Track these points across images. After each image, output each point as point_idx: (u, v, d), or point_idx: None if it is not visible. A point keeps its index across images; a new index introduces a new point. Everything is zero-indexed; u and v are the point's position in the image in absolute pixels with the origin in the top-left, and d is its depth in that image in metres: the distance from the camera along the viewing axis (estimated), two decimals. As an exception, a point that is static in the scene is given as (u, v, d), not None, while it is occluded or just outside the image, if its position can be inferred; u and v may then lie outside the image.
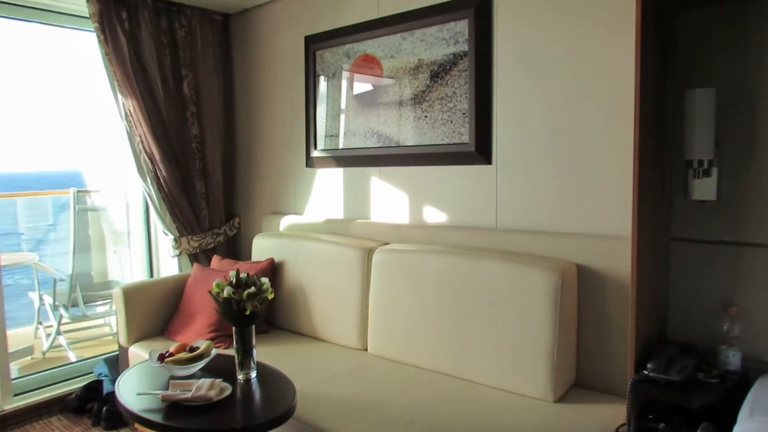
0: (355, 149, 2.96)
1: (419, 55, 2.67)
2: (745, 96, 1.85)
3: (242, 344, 1.93)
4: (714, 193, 1.88)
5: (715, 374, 1.80)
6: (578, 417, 1.91)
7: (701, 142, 1.81)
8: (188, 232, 3.37)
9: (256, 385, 1.93)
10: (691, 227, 1.99)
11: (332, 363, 2.46)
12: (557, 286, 2.00)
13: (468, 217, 2.54)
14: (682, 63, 1.97)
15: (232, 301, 1.87)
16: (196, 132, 3.44)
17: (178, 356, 1.97)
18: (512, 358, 2.10)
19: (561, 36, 2.20)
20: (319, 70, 3.13)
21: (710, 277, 1.96)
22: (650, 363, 1.76)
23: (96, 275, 4.43)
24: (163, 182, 3.25)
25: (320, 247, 2.79)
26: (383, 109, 2.83)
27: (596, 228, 2.16)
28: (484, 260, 2.21)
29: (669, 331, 2.07)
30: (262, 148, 3.52)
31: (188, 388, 1.77)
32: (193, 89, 3.41)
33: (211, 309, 2.72)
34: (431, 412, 1.96)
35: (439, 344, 2.30)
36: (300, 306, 2.80)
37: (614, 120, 2.09)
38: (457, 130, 2.55)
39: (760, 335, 1.87)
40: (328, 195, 3.14)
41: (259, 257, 3.08)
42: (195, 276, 2.98)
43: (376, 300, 2.52)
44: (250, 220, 3.64)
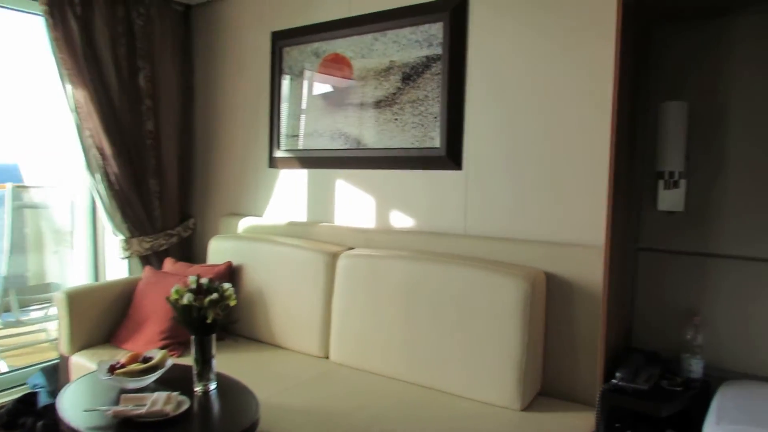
0: (321, 150, 2.88)
1: (391, 57, 2.62)
2: (715, 110, 1.89)
3: (202, 354, 1.82)
4: (682, 205, 1.91)
5: (679, 382, 1.83)
6: (546, 426, 1.90)
7: (673, 155, 1.84)
8: (139, 232, 3.20)
9: (215, 397, 1.82)
10: (658, 238, 2.02)
11: (293, 371, 2.37)
12: (527, 293, 1.98)
13: (436, 222, 2.51)
14: (655, 76, 1.99)
15: (193, 309, 1.76)
16: (151, 127, 3.27)
17: (130, 368, 1.84)
18: (480, 366, 2.07)
19: (536, 43, 2.20)
20: (285, 68, 3.03)
21: (675, 286, 1.99)
22: (619, 372, 1.77)
23: (32, 277, 4.15)
24: (114, 179, 3.07)
25: (282, 251, 2.70)
26: (352, 111, 2.76)
27: (565, 236, 2.16)
28: (454, 267, 2.18)
29: (633, 340, 2.09)
30: (221, 147, 3.39)
31: (142, 403, 1.65)
32: (149, 82, 3.25)
33: (164, 315, 2.59)
34: (398, 422, 1.90)
35: (405, 352, 2.25)
36: (259, 312, 2.69)
37: (586, 129, 2.10)
38: (428, 134, 2.51)
39: (721, 344, 1.91)
40: (291, 197, 3.05)
41: (215, 260, 2.95)
42: (146, 279, 2.83)
43: (340, 306, 2.45)
44: (206, 222, 3.50)
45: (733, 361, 1.89)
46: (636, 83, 1.92)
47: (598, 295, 1.99)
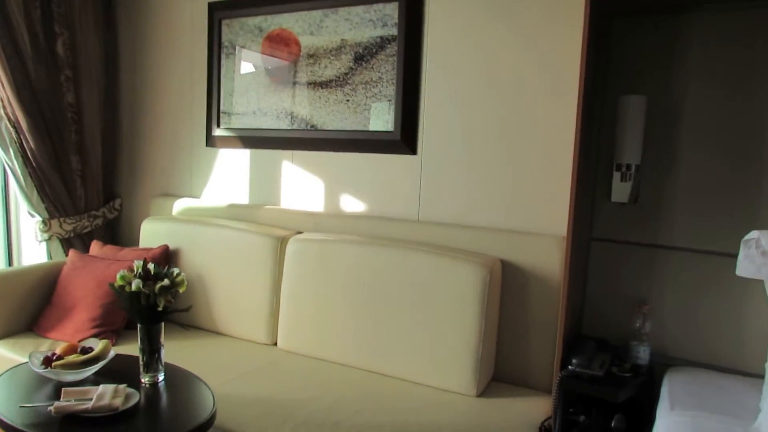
0: (266, 130, 2.75)
1: (343, 35, 2.53)
2: (669, 105, 1.96)
3: (149, 343, 1.68)
4: (636, 197, 1.97)
5: (627, 368, 1.90)
6: (502, 411, 1.92)
7: (631, 147, 1.89)
8: (60, 213, 2.93)
9: (165, 389, 1.70)
10: (610, 228, 2.08)
11: (240, 360, 2.26)
12: (485, 280, 1.99)
13: (389, 207, 2.46)
14: (614, 70, 2.04)
15: (141, 296, 1.62)
16: (71, 100, 3.00)
17: (68, 359, 1.67)
18: (436, 352, 2.06)
19: (497, 29, 2.19)
20: (225, 41, 2.86)
21: (624, 276, 2.07)
22: (575, 359, 1.81)
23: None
24: (30, 155, 2.79)
25: (224, 234, 2.56)
26: (300, 89, 2.65)
27: (521, 224, 2.19)
28: (410, 252, 2.15)
29: (583, 327, 2.15)
30: (151, 123, 3.16)
31: (87, 397, 1.50)
32: (69, 50, 2.96)
33: (94, 301, 2.40)
34: (356, 411, 1.86)
35: (359, 339, 2.20)
36: (199, 298, 2.54)
37: (545, 118, 2.12)
38: (382, 117, 2.45)
39: (666, 332, 2.01)
40: (232, 178, 2.90)
41: (149, 243, 2.76)
42: (72, 264, 2.60)
43: (289, 292, 2.36)
44: (134, 202, 3.27)
45: (678, 349, 1.99)
46: (594, 76, 1.95)
47: (552, 283, 2.03)
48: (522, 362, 2.12)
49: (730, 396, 1.65)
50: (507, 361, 2.14)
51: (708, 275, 1.93)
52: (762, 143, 1.85)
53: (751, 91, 1.85)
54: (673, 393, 1.69)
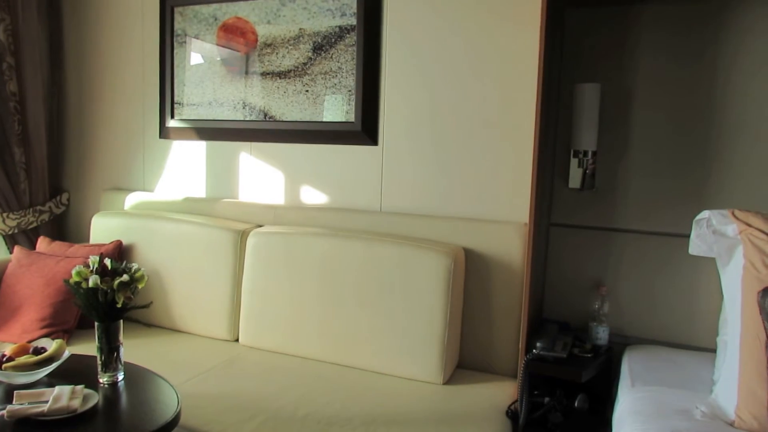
0: (222, 121, 2.69)
1: (300, 24, 2.49)
2: (622, 92, 2.02)
3: (107, 342, 1.62)
4: (593, 183, 2.02)
5: (588, 349, 1.96)
6: (469, 397, 1.94)
7: (587, 134, 1.94)
8: (3, 208, 2.79)
9: (125, 389, 1.64)
10: (567, 213, 2.13)
11: (201, 357, 2.20)
12: (450, 269, 2.00)
13: (351, 199, 2.45)
14: (568, 58, 2.08)
15: (99, 292, 1.55)
16: (14, 89, 2.85)
17: (20, 360, 1.59)
18: (402, 342, 2.06)
19: (454, 18, 2.20)
20: (178, 30, 2.77)
21: (583, 259, 2.13)
22: (539, 342, 1.85)
23: None
24: (-31, 146, 2.64)
25: (181, 229, 2.49)
26: (257, 80, 2.60)
27: (482, 213, 2.21)
28: (373, 243, 2.14)
29: (544, 311, 2.20)
30: (101, 114, 3.04)
31: (42, 399, 1.43)
32: (10, 36, 2.81)
33: (43, 300, 2.30)
34: (324, 404, 1.84)
35: (323, 332, 2.18)
36: (156, 295, 2.46)
37: (504, 107, 2.14)
38: (342, 107, 2.43)
39: (623, 312, 2.07)
40: (187, 170, 2.82)
41: (100, 239, 2.65)
42: (18, 261, 2.47)
43: (250, 287, 2.32)
44: (83, 197, 3.14)
45: (635, 328, 2.07)
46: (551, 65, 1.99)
47: (514, 269, 2.06)
48: (486, 348, 2.15)
49: (686, 370, 1.73)
50: (472, 348, 2.17)
51: (661, 256, 2.01)
52: (709, 126, 1.93)
53: (698, 77, 1.93)
54: (633, 370, 1.75)
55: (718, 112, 1.91)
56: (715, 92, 1.91)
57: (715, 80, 1.91)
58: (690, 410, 1.45)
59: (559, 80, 2.08)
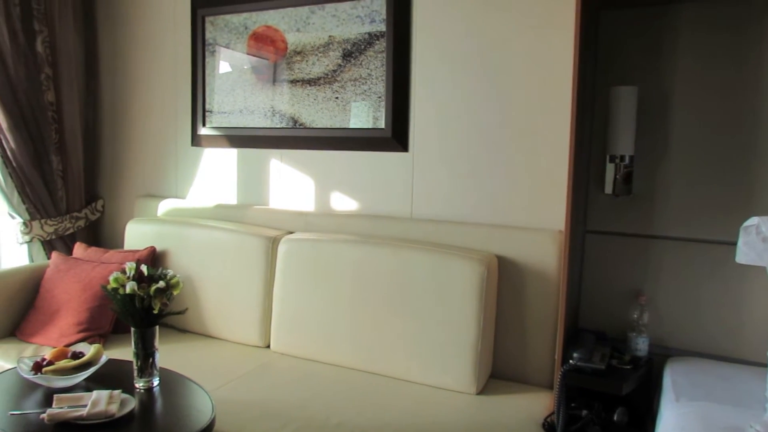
0: (254, 129, 2.70)
1: (330, 32, 2.49)
2: (660, 95, 1.97)
3: (143, 347, 1.63)
4: (630, 188, 1.97)
5: (627, 360, 1.90)
6: (503, 408, 1.90)
7: (624, 139, 1.90)
8: (41, 215, 2.85)
9: (160, 394, 1.65)
10: (604, 220, 2.09)
11: (233, 363, 2.21)
12: (483, 277, 1.97)
13: (381, 205, 2.44)
14: (603, 61, 2.04)
15: (136, 298, 1.57)
16: (51, 98, 2.92)
17: (59, 364, 1.61)
18: (434, 351, 2.03)
19: (485, 24, 2.18)
20: (209, 39, 2.80)
21: (620, 267, 2.07)
22: (576, 352, 1.81)
23: None
24: (10, 155, 2.70)
25: (213, 235, 2.51)
26: (288, 87, 2.61)
27: (515, 219, 2.18)
28: (404, 250, 2.12)
29: (580, 320, 2.15)
30: (134, 123, 3.09)
31: (80, 404, 1.45)
32: (48, 48, 2.88)
33: (80, 305, 2.34)
34: (356, 413, 1.83)
35: (354, 340, 2.17)
36: (188, 301, 2.48)
37: (538, 112, 2.11)
38: (372, 114, 2.42)
39: (664, 322, 2.01)
40: (219, 178, 2.84)
41: (134, 245, 2.69)
42: (56, 267, 2.52)
43: (281, 293, 2.32)
44: (117, 204, 3.19)
45: (676, 339, 2.00)
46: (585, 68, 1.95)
47: (548, 277, 2.02)
48: (520, 358, 2.11)
49: (734, 385, 1.65)
50: (505, 358, 2.13)
51: (705, 264, 1.95)
52: (755, 129, 1.87)
53: (741, 78, 1.87)
54: (677, 384, 1.69)
55: (764, 114, 1.85)
56: (761, 94, 1.85)
57: (761, 82, 1.85)
58: (743, 429, 1.38)
59: (593, 83, 2.04)
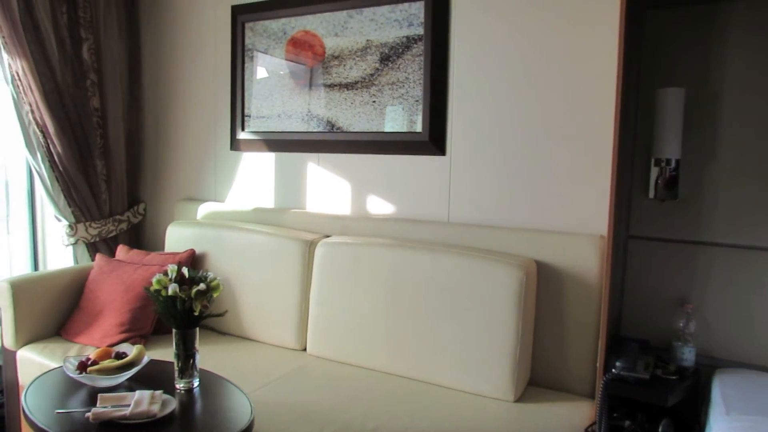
0: (291, 133, 2.73)
1: (368, 36, 2.50)
2: (708, 97, 1.90)
3: (184, 349, 1.66)
4: (675, 193, 1.92)
5: (672, 370, 1.84)
6: (542, 417, 1.87)
7: (670, 141, 1.84)
8: (86, 217, 2.93)
9: (200, 395, 1.67)
10: (648, 225, 2.03)
11: (270, 365, 2.23)
12: (522, 282, 1.94)
13: (418, 209, 2.42)
14: (648, 62, 1.99)
15: (177, 300, 1.59)
16: (96, 104, 3.00)
17: (103, 364, 1.65)
18: (471, 357, 2.01)
19: (524, 26, 2.15)
20: (248, 44, 2.84)
21: (665, 274, 2.01)
22: (619, 361, 1.76)
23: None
24: (57, 159, 2.80)
25: (251, 238, 2.54)
26: (325, 92, 2.63)
27: (554, 224, 2.14)
28: (442, 255, 2.10)
29: (622, 328, 2.10)
30: (174, 127, 3.15)
31: (123, 403, 1.48)
32: (94, 55, 2.97)
33: (122, 306, 2.39)
34: (392, 417, 1.82)
35: (390, 343, 2.16)
36: (226, 303, 2.51)
37: (578, 115, 2.07)
38: (410, 118, 2.42)
39: (712, 332, 1.94)
40: (257, 181, 2.88)
41: (174, 248, 2.74)
42: (99, 268, 2.59)
43: (318, 297, 2.33)
44: (158, 207, 3.26)
45: (725, 350, 1.92)
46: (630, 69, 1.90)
47: (590, 283, 1.98)
48: (559, 366, 2.06)
49: (791, 399, 1.58)
50: (544, 365, 2.09)
51: (757, 271, 1.86)
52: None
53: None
54: (727, 396, 1.62)
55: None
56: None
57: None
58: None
59: (638, 85, 1.99)
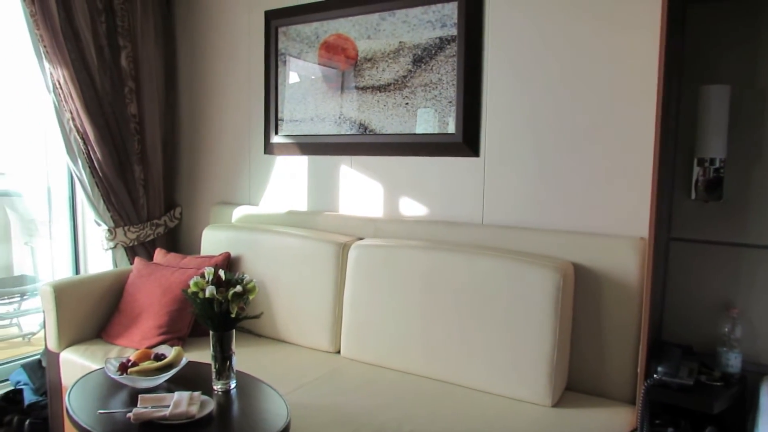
0: (324, 136, 2.74)
1: (401, 38, 2.49)
2: (755, 94, 1.84)
3: (221, 350, 1.67)
4: (719, 193, 1.85)
5: (717, 377, 1.78)
6: (581, 422, 1.83)
7: (715, 140, 1.78)
8: (125, 222, 3.00)
9: (236, 397, 1.68)
10: (691, 227, 1.97)
11: (304, 368, 2.24)
12: (559, 285, 1.90)
13: (451, 211, 2.41)
14: (690, 59, 1.93)
15: (215, 302, 1.61)
16: (134, 110, 3.07)
17: (143, 366, 1.68)
18: (508, 361, 1.98)
19: (560, 24, 2.11)
20: (282, 49, 2.87)
21: (708, 278, 1.95)
22: (661, 366, 1.71)
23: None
24: (97, 165, 2.87)
25: (285, 241, 2.55)
26: (358, 94, 2.63)
27: (591, 226, 2.09)
28: (476, 257, 2.08)
29: (663, 333, 2.04)
30: (209, 132, 3.20)
31: (163, 404, 1.50)
32: (131, 62, 3.04)
33: (160, 309, 2.43)
34: (428, 422, 1.80)
35: (424, 347, 2.15)
36: (261, 305, 2.53)
37: (614, 112, 2.03)
38: (443, 119, 2.40)
39: (759, 338, 1.87)
40: (290, 185, 2.90)
41: (210, 251, 2.78)
42: (138, 272, 2.64)
43: (352, 299, 2.33)
44: (194, 211, 3.31)
45: (773, 355, 1.86)
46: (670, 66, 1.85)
47: (629, 287, 1.93)
48: (597, 371, 2.02)
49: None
50: (581, 370, 2.04)
51: (806, 276, 1.80)
52: None
53: None
54: (775, 404, 1.56)
55: None
56: None
57: None
58: None
59: (680, 82, 1.93)
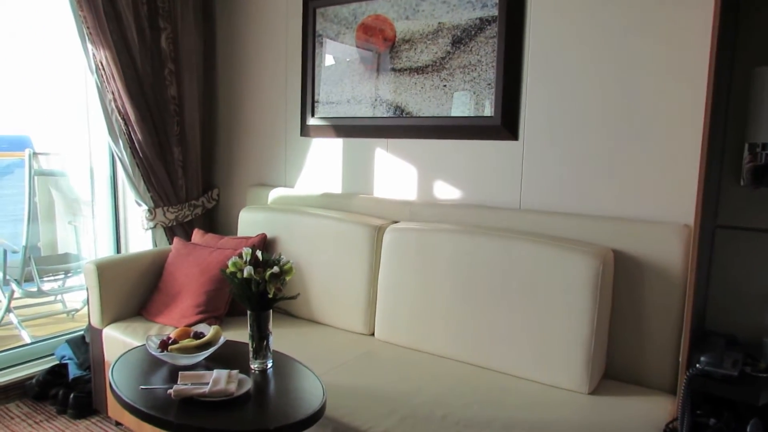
0: (361, 118, 2.73)
1: (440, 18, 2.45)
2: (812, 77, 1.75)
3: (258, 330, 1.70)
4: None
5: (763, 368, 1.72)
6: (619, 411, 1.80)
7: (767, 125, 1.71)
8: (164, 202, 3.05)
9: (273, 376, 1.71)
10: (737, 214, 1.90)
11: (338, 349, 2.26)
12: (598, 272, 1.87)
13: (488, 195, 2.38)
14: (742, 39, 1.85)
15: (252, 282, 1.63)
16: (174, 92, 3.10)
17: (183, 343, 1.72)
18: (544, 347, 1.96)
19: (605, 2, 2.04)
20: (319, 30, 2.86)
21: (756, 267, 1.88)
22: (704, 356, 1.66)
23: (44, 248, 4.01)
24: (137, 146, 2.92)
25: (321, 223, 2.57)
26: (395, 76, 2.61)
27: (632, 212, 2.04)
28: (513, 241, 2.06)
29: (706, 322, 1.99)
30: (246, 114, 3.23)
31: (202, 381, 1.54)
32: (171, 44, 3.07)
33: (198, 288, 2.47)
34: (461, 405, 1.80)
35: (459, 331, 2.14)
36: (296, 286, 2.56)
37: (661, 97, 1.96)
38: (481, 102, 2.36)
39: (808, 329, 1.81)
40: (325, 167, 2.90)
41: (246, 232, 2.82)
42: (177, 251, 2.69)
43: (386, 282, 2.33)
44: (230, 192, 3.36)
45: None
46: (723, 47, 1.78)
47: (671, 275, 1.88)
48: (636, 359, 1.98)
49: None
50: (620, 358, 2.01)
51: None
52: None
53: None
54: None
55: None
56: None
57: None
58: None
59: (732, 63, 1.85)
